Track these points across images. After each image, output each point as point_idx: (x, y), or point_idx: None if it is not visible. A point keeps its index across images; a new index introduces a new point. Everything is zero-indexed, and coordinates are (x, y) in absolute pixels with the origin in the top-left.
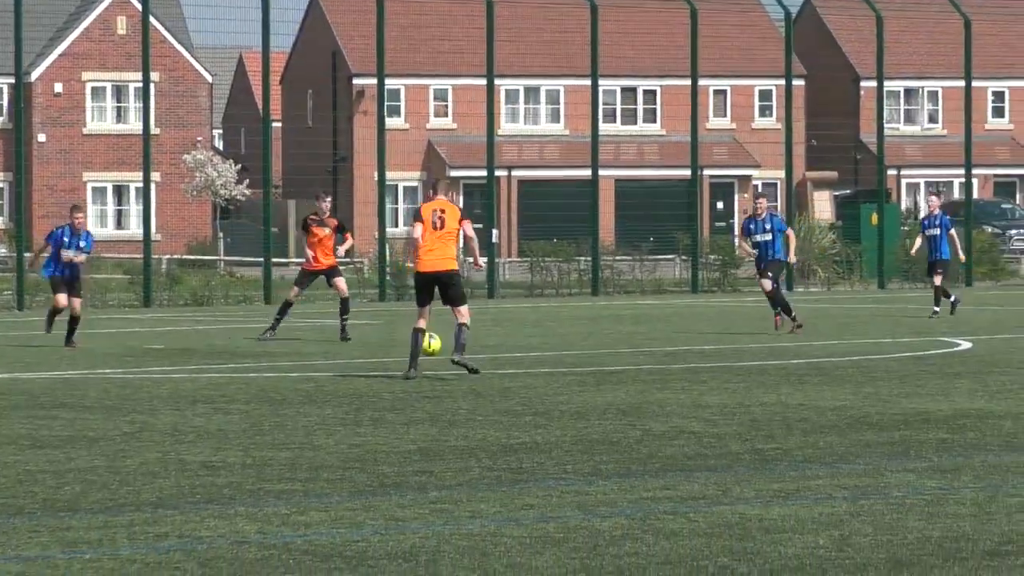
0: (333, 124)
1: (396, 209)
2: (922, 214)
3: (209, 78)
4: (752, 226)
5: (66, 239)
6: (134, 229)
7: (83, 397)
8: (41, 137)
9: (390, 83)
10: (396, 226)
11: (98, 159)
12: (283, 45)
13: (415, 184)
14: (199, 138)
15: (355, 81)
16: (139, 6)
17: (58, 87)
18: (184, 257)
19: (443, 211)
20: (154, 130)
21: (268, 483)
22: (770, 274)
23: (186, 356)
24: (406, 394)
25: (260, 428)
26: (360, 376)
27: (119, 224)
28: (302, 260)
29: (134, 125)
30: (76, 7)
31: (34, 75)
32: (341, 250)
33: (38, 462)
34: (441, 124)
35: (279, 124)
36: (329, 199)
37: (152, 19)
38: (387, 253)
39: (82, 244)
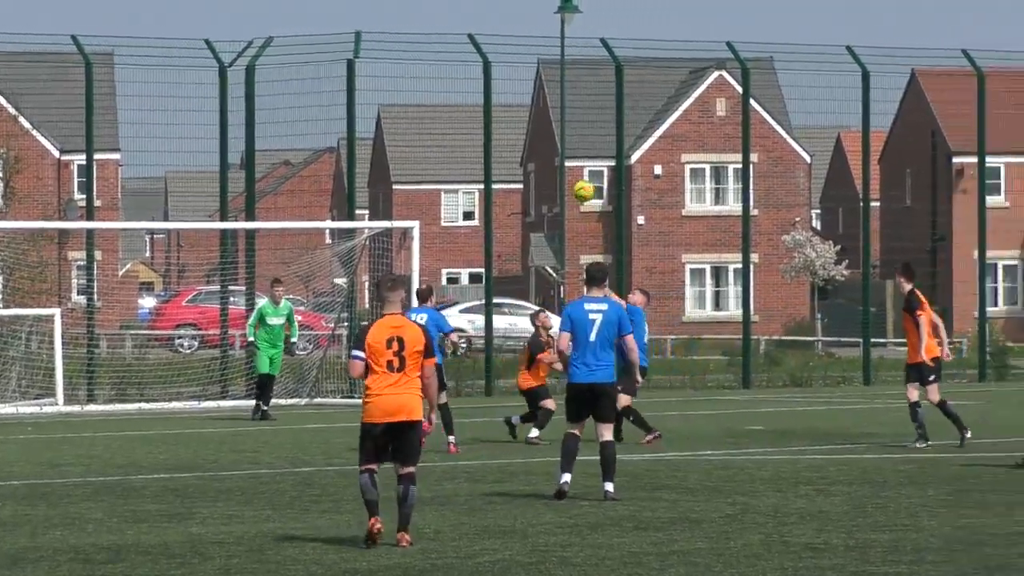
0: (932, 203)
1: (995, 288)
2: None
3: (808, 158)
4: None
5: None
6: (732, 310)
7: (684, 479)
8: (640, 219)
9: (990, 161)
10: (995, 305)
11: (697, 240)
12: (882, 124)
13: (1015, 263)
14: (797, 218)
15: (955, 160)
16: (739, 88)
17: (657, 169)
18: (782, 338)
19: None
20: (753, 211)
21: (872, 565)
22: None
23: (786, 438)
24: (1008, 475)
25: (863, 510)
26: (960, 456)
27: (717, 305)
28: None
29: (733, 206)
30: (675, 89)
31: (633, 157)
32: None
33: (641, 544)
34: None
35: (877, 204)
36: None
37: (752, 100)
38: (987, 333)
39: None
